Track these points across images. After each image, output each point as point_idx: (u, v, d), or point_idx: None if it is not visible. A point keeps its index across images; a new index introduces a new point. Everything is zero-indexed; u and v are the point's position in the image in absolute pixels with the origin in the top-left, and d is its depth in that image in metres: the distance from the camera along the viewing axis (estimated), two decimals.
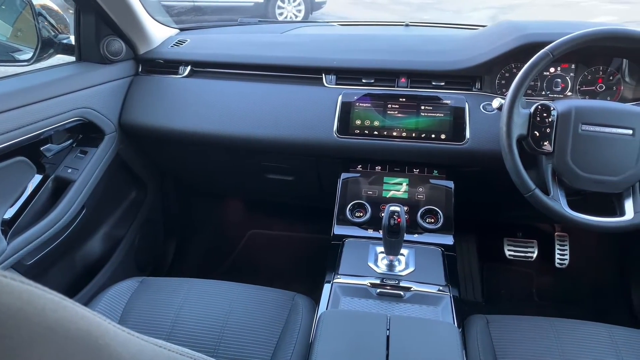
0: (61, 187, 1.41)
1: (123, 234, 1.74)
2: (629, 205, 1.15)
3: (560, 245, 1.96)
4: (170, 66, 1.64)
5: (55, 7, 1.69)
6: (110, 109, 1.53)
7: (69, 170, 1.42)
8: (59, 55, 1.53)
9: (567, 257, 1.94)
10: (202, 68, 1.63)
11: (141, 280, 1.24)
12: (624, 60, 1.40)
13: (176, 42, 1.70)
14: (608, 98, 1.42)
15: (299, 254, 2.14)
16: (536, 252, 1.98)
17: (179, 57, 1.64)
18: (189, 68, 1.62)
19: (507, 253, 1.99)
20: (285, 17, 7.24)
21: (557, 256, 1.95)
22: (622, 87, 1.41)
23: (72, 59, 1.55)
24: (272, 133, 1.46)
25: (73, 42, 1.54)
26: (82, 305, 0.37)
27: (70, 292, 1.52)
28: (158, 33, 1.70)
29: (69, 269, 1.52)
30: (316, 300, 1.14)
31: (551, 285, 2.02)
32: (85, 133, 1.50)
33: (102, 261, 1.65)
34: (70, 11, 1.53)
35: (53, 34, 1.49)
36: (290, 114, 1.46)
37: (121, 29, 1.53)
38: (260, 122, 1.47)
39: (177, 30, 1.85)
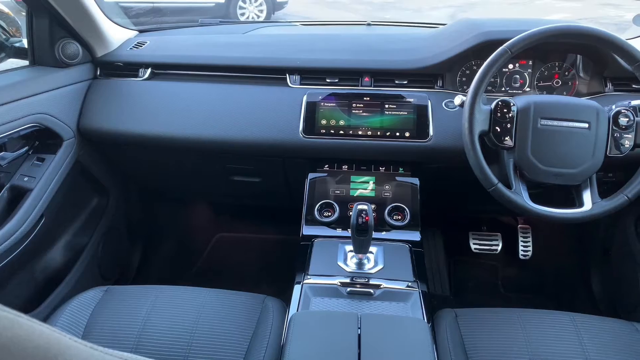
0: (17, 196, 1.35)
1: (85, 243, 1.69)
2: (587, 196, 1.19)
3: (523, 237, 2.01)
4: (130, 69, 1.60)
5: (6, 10, 1.63)
6: (68, 114, 1.48)
7: (26, 179, 1.37)
8: (11, 60, 1.47)
9: (530, 248, 1.99)
10: (163, 70, 1.60)
11: (106, 289, 1.20)
12: (578, 56, 1.45)
13: (135, 44, 1.66)
14: (564, 93, 1.47)
15: (268, 256, 2.12)
16: (500, 245, 2.02)
17: (138, 59, 1.61)
18: (149, 70, 1.59)
19: (473, 247, 2.03)
20: (247, 18, 7.18)
21: (520, 248, 2.00)
22: (577, 82, 1.46)
23: (26, 63, 1.49)
24: (237, 135, 1.44)
25: (26, 46, 1.48)
26: (39, 321, 0.35)
27: (31, 305, 1.46)
28: (116, 35, 1.66)
29: (29, 281, 1.46)
30: (287, 302, 1.14)
31: (516, 276, 2.07)
32: (41, 139, 1.45)
33: (64, 271, 1.60)
34: (23, 13, 1.47)
35: (4, 37, 1.44)
36: (255, 115, 1.45)
37: (77, 31, 1.48)
38: (224, 124, 1.45)
39: (136, 32, 1.81)
